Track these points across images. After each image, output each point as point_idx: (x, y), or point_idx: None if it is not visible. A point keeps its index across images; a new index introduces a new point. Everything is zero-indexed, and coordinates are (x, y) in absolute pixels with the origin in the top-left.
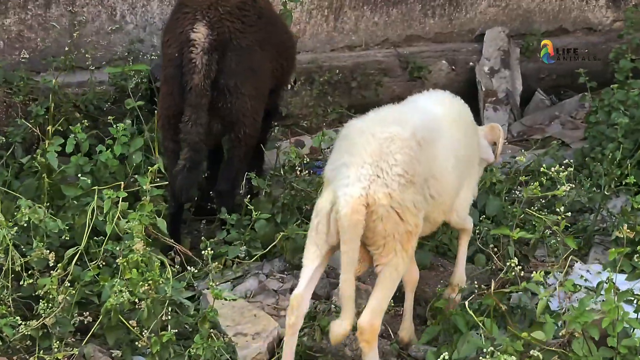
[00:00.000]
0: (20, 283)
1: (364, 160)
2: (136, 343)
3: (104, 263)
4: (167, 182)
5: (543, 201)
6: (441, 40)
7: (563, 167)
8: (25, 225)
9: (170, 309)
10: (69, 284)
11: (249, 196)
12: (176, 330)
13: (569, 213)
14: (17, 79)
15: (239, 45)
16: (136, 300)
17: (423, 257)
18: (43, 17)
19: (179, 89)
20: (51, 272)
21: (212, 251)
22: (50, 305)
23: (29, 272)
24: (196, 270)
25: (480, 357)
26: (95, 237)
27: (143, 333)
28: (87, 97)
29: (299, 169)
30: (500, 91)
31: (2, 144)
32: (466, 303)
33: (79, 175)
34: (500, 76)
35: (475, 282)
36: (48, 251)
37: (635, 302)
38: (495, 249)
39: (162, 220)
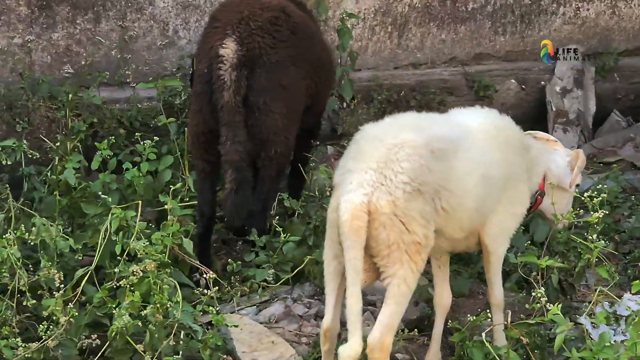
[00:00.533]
0: (24, 303)
1: (369, 166)
2: None
3: (117, 284)
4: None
5: (598, 228)
6: (512, 58)
7: (596, 192)
8: (36, 243)
9: (183, 333)
10: (74, 305)
11: (277, 217)
12: (186, 355)
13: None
14: (62, 94)
15: (269, 61)
16: (140, 323)
17: (461, 284)
18: (92, 31)
19: (208, 106)
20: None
21: (239, 274)
22: (51, 327)
23: (39, 292)
24: (219, 294)
25: None
26: (116, 258)
27: (152, 357)
28: (131, 113)
29: (329, 189)
30: (571, 112)
31: (43, 160)
32: (483, 335)
33: (99, 193)
34: (573, 96)
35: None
36: (55, 271)
37: None
38: (538, 277)
39: (188, 241)
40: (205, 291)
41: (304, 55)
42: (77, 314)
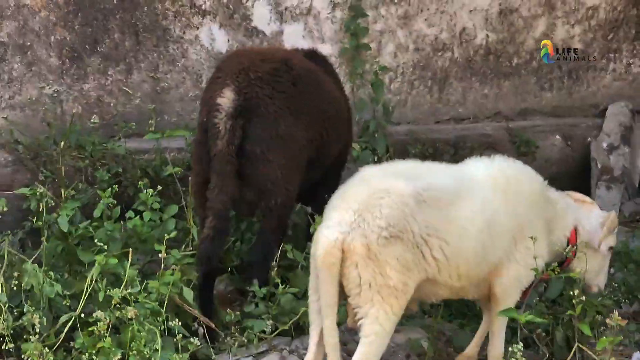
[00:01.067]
0: (3, 347)
1: (350, 207)
2: None
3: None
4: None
5: (616, 285)
6: (559, 114)
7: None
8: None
9: None
10: (60, 351)
11: (276, 269)
12: None
13: None
14: (89, 143)
15: (267, 111)
16: None
17: (462, 338)
18: (124, 82)
19: (207, 156)
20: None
21: (238, 324)
22: None
23: (24, 336)
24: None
25: None
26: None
27: None
28: (155, 163)
29: None
30: (617, 169)
31: None
32: None
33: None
34: (619, 153)
35: None
36: (37, 316)
37: None
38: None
39: (188, 290)
40: (212, 341)
41: (306, 107)
42: (52, 357)
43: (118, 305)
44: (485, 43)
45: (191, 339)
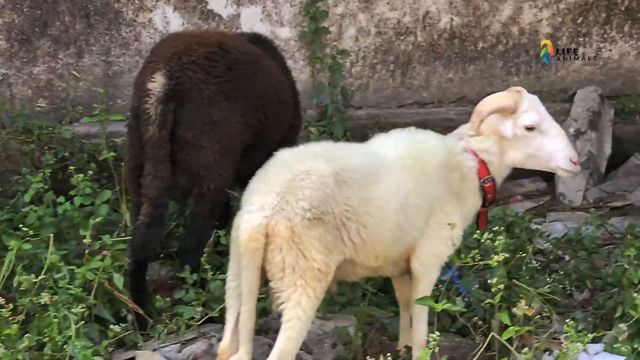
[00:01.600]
0: None
1: (272, 190)
2: None
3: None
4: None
5: (562, 273)
6: None
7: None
8: None
9: None
10: None
11: (205, 255)
12: None
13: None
14: (36, 127)
15: (200, 96)
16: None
17: (396, 326)
18: (75, 66)
19: (138, 141)
20: None
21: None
22: None
23: None
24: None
25: None
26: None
27: None
28: (102, 148)
29: None
30: (582, 154)
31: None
32: None
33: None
34: (586, 138)
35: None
36: None
37: None
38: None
39: (118, 276)
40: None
41: (242, 92)
42: None
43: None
44: (450, 27)
45: (112, 326)
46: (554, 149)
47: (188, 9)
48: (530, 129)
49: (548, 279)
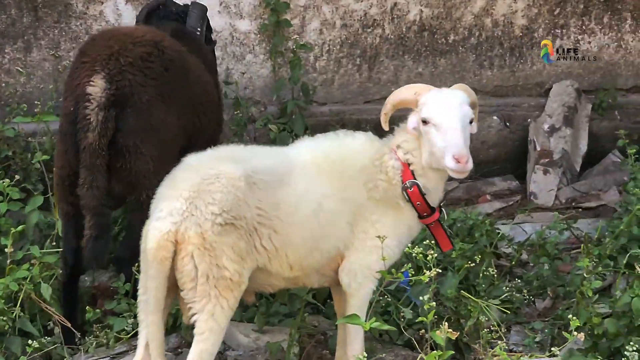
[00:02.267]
0: None
1: (180, 195)
2: None
3: None
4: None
5: (520, 282)
6: (501, 94)
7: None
8: None
9: None
10: None
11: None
12: None
13: None
14: None
15: (140, 100)
16: None
17: None
18: (22, 60)
19: (73, 148)
20: None
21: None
22: None
23: None
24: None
25: None
26: None
27: None
28: (46, 147)
29: None
30: (556, 152)
31: None
32: None
33: None
34: (560, 135)
35: None
36: None
37: None
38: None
39: (46, 286)
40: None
41: (178, 93)
42: None
43: None
44: (419, 19)
45: (30, 341)
46: (443, 144)
47: (141, 0)
48: (425, 122)
49: (508, 286)
